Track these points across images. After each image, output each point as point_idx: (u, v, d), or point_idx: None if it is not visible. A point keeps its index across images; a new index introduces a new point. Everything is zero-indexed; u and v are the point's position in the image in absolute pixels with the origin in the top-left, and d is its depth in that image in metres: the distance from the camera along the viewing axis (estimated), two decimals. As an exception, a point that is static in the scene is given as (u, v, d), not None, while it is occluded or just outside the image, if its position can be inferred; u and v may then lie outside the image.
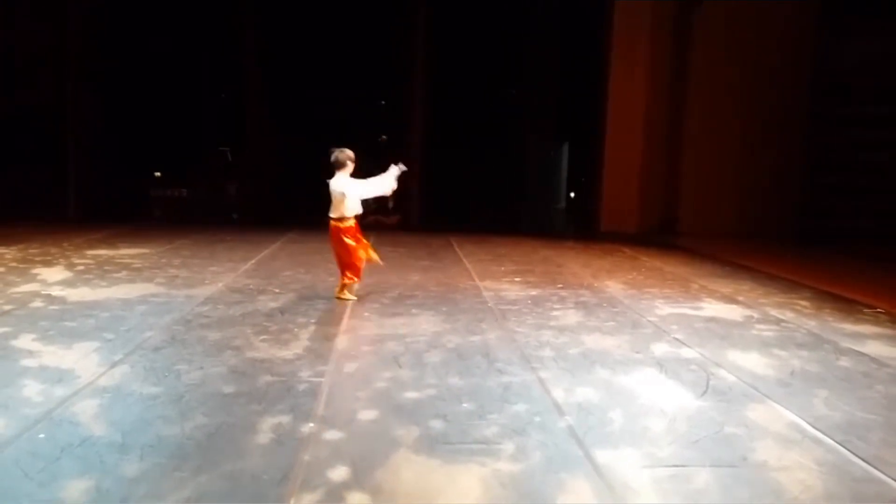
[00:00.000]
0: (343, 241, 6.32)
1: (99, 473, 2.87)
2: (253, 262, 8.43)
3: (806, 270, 9.15)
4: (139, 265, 7.91)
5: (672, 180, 13.84)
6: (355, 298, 6.43)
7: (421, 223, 14.52)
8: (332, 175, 6.39)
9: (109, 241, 9.74)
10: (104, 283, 6.79)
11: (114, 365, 4.28)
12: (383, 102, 16.30)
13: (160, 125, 15.07)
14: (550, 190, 17.47)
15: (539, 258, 9.61)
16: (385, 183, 6.47)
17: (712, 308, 6.67)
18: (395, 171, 6.45)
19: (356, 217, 6.44)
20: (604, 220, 13.67)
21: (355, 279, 6.49)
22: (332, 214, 6.39)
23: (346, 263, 6.41)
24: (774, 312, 6.54)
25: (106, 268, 7.66)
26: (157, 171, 15.25)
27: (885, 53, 12.83)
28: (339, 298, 6.39)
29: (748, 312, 6.51)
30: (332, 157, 6.37)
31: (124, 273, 7.41)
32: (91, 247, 9.16)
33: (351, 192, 6.31)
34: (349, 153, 6.40)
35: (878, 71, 12.92)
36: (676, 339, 5.39)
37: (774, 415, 3.84)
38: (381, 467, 3.03)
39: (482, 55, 15.76)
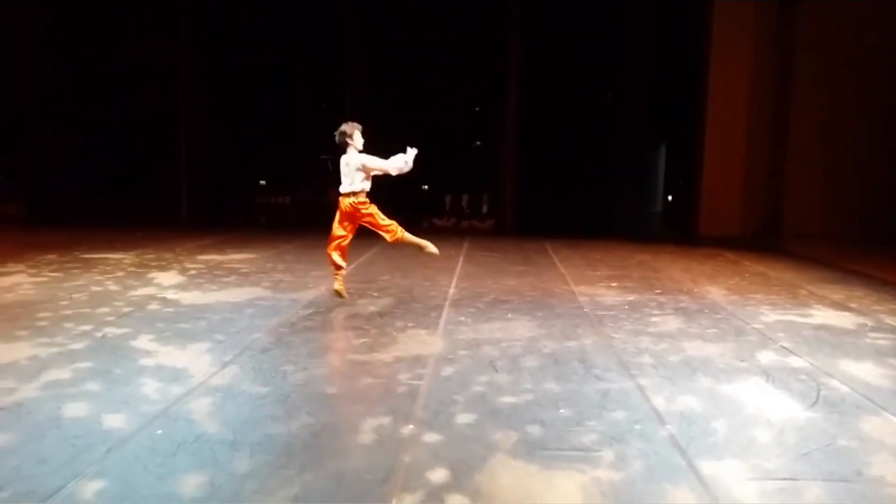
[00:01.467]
0: (363, 218, 6.37)
1: (212, 469, 3.02)
2: (353, 266, 8.65)
3: (926, 276, 8.59)
4: (246, 270, 8.28)
5: (776, 181, 13.26)
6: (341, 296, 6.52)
7: (515, 228, 14.52)
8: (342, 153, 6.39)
9: (219, 247, 10.24)
10: (214, 287, 7.14)
11: (224, 365, 4.50)
12: (478, 109, 16.38)
13: (266, 135, 15.69)
14: (647, 193, 17.10)
15: (635, 263, 9.44)
16: (399, 162, 6.41)
17: (822, 315, 6.37)
18: (410, 153, 6.41)
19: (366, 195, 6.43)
20: (703, 224, 13.23)
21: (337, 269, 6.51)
22: (344, 189, 6.39)
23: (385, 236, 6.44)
24: (889, 320, 6.18)
25: (216, 272, 8.06)
26: (263, 180, 15.87)
27: None
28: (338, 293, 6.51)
29: (861, 320, 6.19)
30: (338, 133, 6.36)
31: (233, 277, 7.77)
32: (202, 252, 9.65)
33: (369, 164, 6.31)
34: (353, 123, 6.40)
35: None
36: (784, 348, 5.19)
37: (891, 428, 3.65)
38: (480, 471, 3.06)
39: (578, 57, 15.61)
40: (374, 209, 6.48)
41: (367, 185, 6.46)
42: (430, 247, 6.52)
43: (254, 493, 2.84)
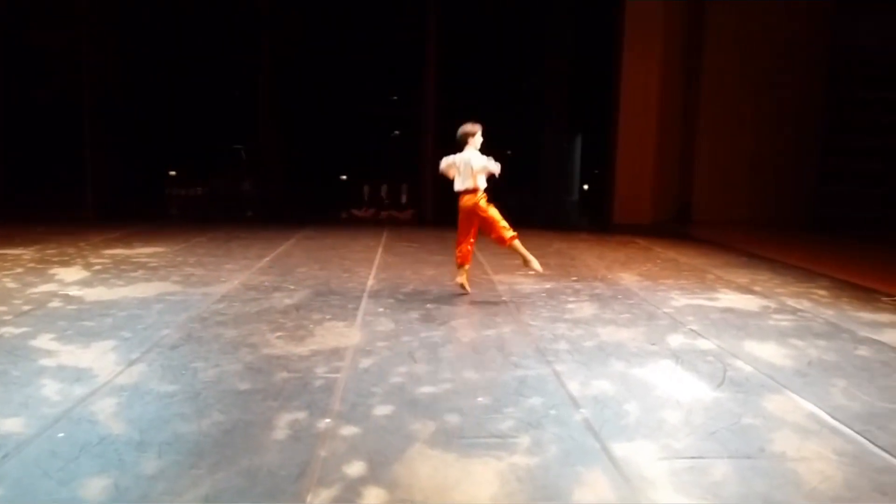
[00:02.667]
0: (481, 216, 6.42)
1: (117, 471, 2.89)
2: (268, 259, 8.47)
3: (823, 259, 9.07)
4: (155, 264, 7.98)
5: (685, 171, 13.76)
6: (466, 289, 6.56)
7: (436, 217, 14.52)
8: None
9: (126, 241, 9.82)
10: (121, 283, 6.85)
11: (131, 363, 4.32)
12: (395, 98, 16.28)
13: (175, 124, 15.16)
14: (563, 182, 17.40)
15: (553, 251, 9.59)
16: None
17: (728, 298, 6.63)
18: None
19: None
20: (617, 212, 13.60)
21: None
22: (457, 188, 6.47)
23: (498, 238, 6.45)
24: (791, 302, 6.49)
25: (122, 267, 7.73)
26: (173, 170, 15.34)
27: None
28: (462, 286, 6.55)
29: (765, 302, 6.47)
30: (461, 132, 6.50)
31: (141, 272, 7.47)
32: (108, 246, 9.24)
33: (487, 165, 6.40)
34: (476, 123, 6.54)
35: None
36: (692, 331, 5.37)
37: (792, 405, 3.82)
38: (398, 462, 3.04)
39: (495, 49, 15.70)
40: (493, 210, 6.47)
41: (484, 184, 6.46)
42: (535, 262, 6.44)
43: (162, 494, 2.73)
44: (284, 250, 9.22)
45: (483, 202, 6.44)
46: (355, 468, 2.97)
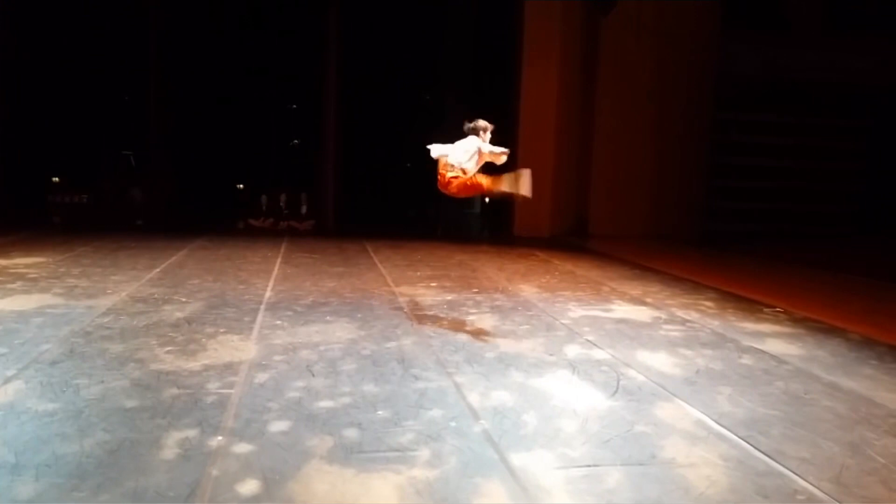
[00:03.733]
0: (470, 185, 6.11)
1: (-13, 497, 2.68)
2: (158, 270, 8.11)
3: (710, 272, 9.53)
4: (35, 275, 7.49)
5: (582, 186, 14.21)
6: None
7: (336, 228, 14.36)
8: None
9: (2, 251, 9.18)
10: (-5, 295, 6.39)
11: (6, 381, 4.02)
12: (294, 106, 16.03)
13: (58, 128, 14.34)
14: (465, 195, 17.55)
15: (454, 263, 9.64)
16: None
17: (622, 310, 6.85)
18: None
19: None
20: (517, 225, 13.87)
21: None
22: (451, 160, 6.13)
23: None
24: (680, 313, 6.77)
25: (-2, 278, 7.22)
26: (55, 176, 14.49)
27: (782, 63, 13.64)
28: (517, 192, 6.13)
29: (656, 313, 6.72)
30: (471, 123, 6.25)
31: (19, 283, 6.99)
32: (-19, 256, 8.62)
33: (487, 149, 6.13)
34: (489, 124, 6.31)
35: (775, 80, 13.72)
36: (588, 341, 5.50)
37: (681, 413, 3.96)
38: (293, 479, 2.95)
39: (396, 59, 15.73)
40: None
41: (471, 168, 6.10)
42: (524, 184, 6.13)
43: (37, 521, 2.55)
44: (176, 261, 8.86)
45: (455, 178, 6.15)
46: (249, 487, 2.86)
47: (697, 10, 13.93)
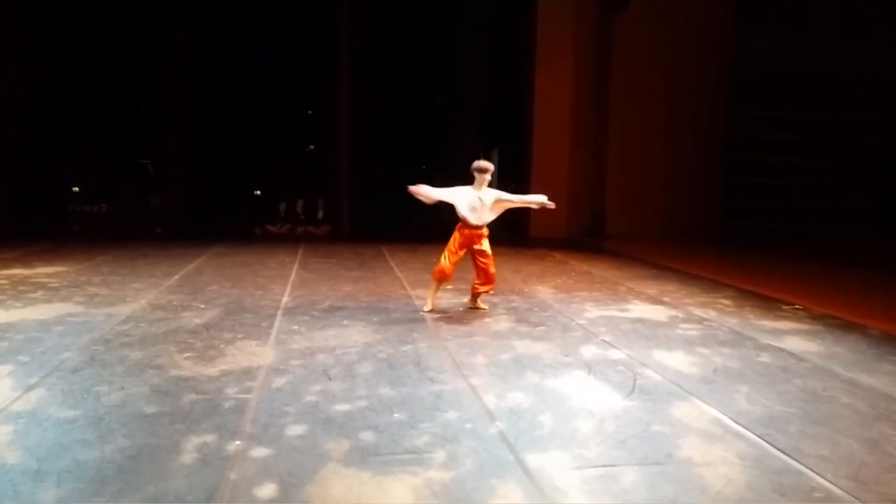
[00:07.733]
0: (482, 249, 6.59)
1: (12, 503, 2.73)
2: (177, 277, 8.20)
3: (727, 270, 9.47)
4: (56, 284, 7.60)
5: (598, 186, 14.16)
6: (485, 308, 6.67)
7: (352, 233, 14.42)
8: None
9: (24, 260, 9.33)
10: (19, 304, 6.49)
11: (29, 389, 4.09)
12: (310, 112, 16.13)
13: (78, 138, 14.54)
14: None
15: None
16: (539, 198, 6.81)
17: (639, 309, 6.82)
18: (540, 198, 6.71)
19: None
20: (533, 226, 13.84)
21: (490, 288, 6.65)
22: (476, 222, 6.60)
23: (489, 275, 6.55)
24: (698, 312, 6.73)
25: (21, 288, 7.33)
26: (76, 186, 14.68)
27: (798, 59, 13.51)
28: (477, 308, 6.64)
29: (673, 312, 6.69)
30: (477, 166, 6.53)
31: (41, 293, 7.09)
32: (5, 266, 8.74)
33: (503, 197, 6.64)
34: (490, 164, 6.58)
35: (791, 76, 13.59)
36: (604, 342, 5.49)
37: (698, 411, 3.95)
38: (311, 482, 2.97)
39: (410, 63, 15.78)
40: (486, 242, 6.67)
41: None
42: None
43: (59, 526, 2.59)
44: (195, 268, 8.95)
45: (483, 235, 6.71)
46: (266, 490, 2.89)
47: (711, 6, 13.85)
